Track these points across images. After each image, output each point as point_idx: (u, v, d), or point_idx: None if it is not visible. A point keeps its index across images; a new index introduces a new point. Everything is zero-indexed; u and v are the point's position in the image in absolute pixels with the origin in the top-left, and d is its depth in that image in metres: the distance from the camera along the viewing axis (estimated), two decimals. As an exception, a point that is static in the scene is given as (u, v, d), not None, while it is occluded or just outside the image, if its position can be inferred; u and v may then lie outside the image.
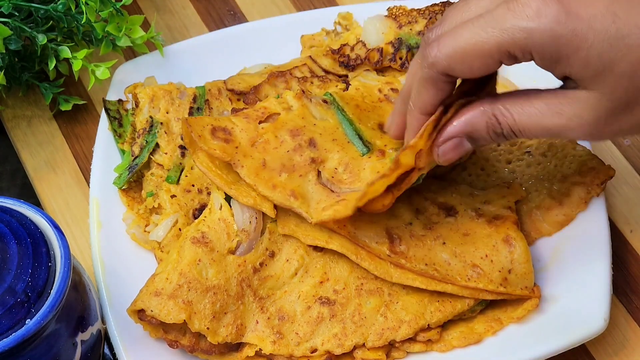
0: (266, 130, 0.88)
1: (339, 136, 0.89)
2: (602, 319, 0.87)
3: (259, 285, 0.87)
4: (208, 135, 0.86)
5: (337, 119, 0.90)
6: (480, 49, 0.72)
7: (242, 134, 0.87)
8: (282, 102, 0.90)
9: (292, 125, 0.88)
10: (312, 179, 0.86)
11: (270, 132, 0.88)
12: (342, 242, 0.86)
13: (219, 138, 0.86)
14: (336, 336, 0.86)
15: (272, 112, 0.89)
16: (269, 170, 0.86)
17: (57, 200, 1.01)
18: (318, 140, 0.88)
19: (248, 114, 0.89)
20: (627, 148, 1.05)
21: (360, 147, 0.88)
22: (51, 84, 1.05)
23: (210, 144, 0.86)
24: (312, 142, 0.87)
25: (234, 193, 0.87)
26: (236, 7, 1.16)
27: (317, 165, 0.86)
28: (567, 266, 0.91)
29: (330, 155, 0.87)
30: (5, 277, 0.75)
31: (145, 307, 0.84)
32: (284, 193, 0.85)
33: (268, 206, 0.86)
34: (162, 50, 1.05)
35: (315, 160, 0.86)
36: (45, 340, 0.77)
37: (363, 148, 0.88)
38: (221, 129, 0.87)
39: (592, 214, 0.93)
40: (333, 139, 0.88)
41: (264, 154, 0.86)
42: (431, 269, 0.86)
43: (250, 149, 0.87)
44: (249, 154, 0.86)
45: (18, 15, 0.99)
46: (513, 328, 0.88)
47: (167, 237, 0.91)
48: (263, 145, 0.87)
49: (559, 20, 0.69)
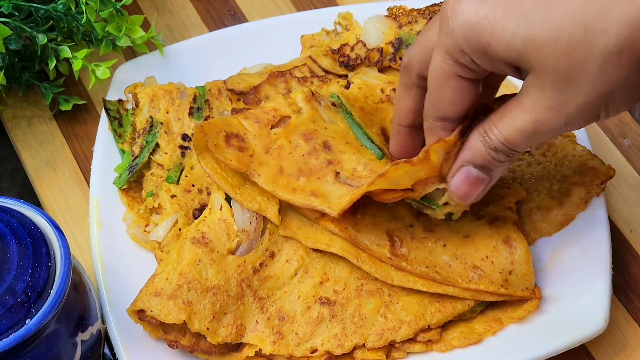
0: (279, 136, 0.87)
1: (351, 140, 0.88)
2: (602, 319, 0.87)
3: (258, 285, 0.87)
4: (223, 143, 0.85)
5: (346, 123, 0.90)
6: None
7: (256, 141, 0.86)
8: (291, 104, 0.90)
9: (304, 129, 0.88)
10: (330, 180, 0.85)
11: (284, 137, 0.87)
12: (343, 245, 0.86)
13: (233, 146, 0.85)
14: (336, 336, 0.86)
15: (283, 115, 0.89)
16: (287, 176, 0.85)
17: (57, 200, 1.01)
18: (332, 143, 0.87)
19: (259, 118, 0.88)
20: (627, 148, 1.05)
21: (376, 151, 0.87)
22: (51, 84, 1.05)
23: (226, 153, 0.85)
24: (327, 144, 0.87)
25: (239, 198, 0.86)
26: (236, 7, 1.16)
27: (334, 166, 0.85)
28: (567, 266, 0.91)
29: (346, 157, 0.86)
30: (5, 277, 0.75)
31: (145, 307, 0.84)
32: (304, 194, 0.84)
33: (272, 212, 0.86)
34: (162, 50, 1.05)
35: (331, 162, 0.86)
36: (45, 340, 0.77)
37: (378, 151, 0.87)
38: (234, 136, 0.86)
39: (592, 214, 0.93)
40: (346, 142, 0.88)
41: (279, 160, 0.86)
42: (432, 271, 0.86)
43: (265, 156, 0.86)
44: (264, 161, 0.85)
45: (18, 15, 0.99)
46: (513, 328, 0.88)
47: (167, 237, 0.91)
48: (277, 152, 0.86)
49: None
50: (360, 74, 0.96)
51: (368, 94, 0.93)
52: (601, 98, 0.70)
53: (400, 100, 0.83)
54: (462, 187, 0.79)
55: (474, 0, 0.71)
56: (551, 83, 0.70)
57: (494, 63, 0.72)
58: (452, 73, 0.74)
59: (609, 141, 1.05)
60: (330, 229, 0.86)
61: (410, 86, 0.81)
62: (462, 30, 0.71)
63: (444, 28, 0.72)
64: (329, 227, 0.86)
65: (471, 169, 0.78)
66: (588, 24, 0.67)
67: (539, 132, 0.72)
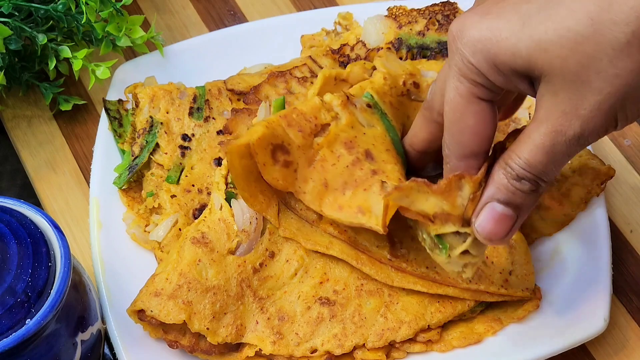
0: (321, 146, 0.84)
1: (389, 145, 0.87)
2: (602, 319, 0.87)
3: (258, 285, 0.87)
4: (270, 160, 0.82)
5: (383, 125, 0.88)
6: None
7: (300, 153, 0.84)
8: (329, 110, 0.86)
9: (344, 137, 0.85)
10: (376, 190, 0.82)
11: (326, 147, 0.84)
12: (343, 247, 0.86)
13: (279, 162, 0.83)
14: (336, 336, 0.86)
15: (323, 122, 0.85)
16: (332, 191, 0.83)
17: (57, 200, 1.01)
18: (373, 152, 0.85)
19: (302, 127, 0.84)
20: (627, 148, 1.05)
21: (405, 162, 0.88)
22: (51, 84, 1.05)
23: (273, 172, 0.82)
24: (369, 154, 0.84)
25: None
26: (236, 7, 1.16)
27: (379, 176, 0.83)
28: (567, 266, 0.91)
29: (389, 167, 0.84)
30: (5, 277, 0.74)
31: (145, 307, 0.84)
32: (351, 211, 0.82)
33: (272, 214, 0.86)
34: (162, 50, 1.05)
35: (376, 172, 0.83)
36: (45, 340, 0.77)
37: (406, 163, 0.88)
38: (279, 147, 0.83)
39: (592, 214, 0.93)
40: (386, 149, 0.86)
41: (323, 173, 0.83)
42: (432, 272, 0.86)
43: (308, 170, 0.84)
44: (308, 176, 0.83)
45: (18, 15, 0.99)
46: (513, 328, 0.88)
47: (167, 237, 0.91)
48: (321, 164, 0.84)
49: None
50: (383, 58, 0.92)
51: (392, 85, 0.90)
52: (615, 96, 0.66)
53: (418, 129, 0.83)
54: (487, 225, 0.73)
55: (477, 16, 0.70)
56: (562, 85, 0.67)
57: (506, 77, 0.70)
58: (469, 96, 0.72)
59: (609, 141, 1.05)
60: (329, 232, 0.86)
61: (430, 120, 0.81)
62: (470, 47, 0.70)
63: (453, 50, 0.71)
64: (329, 229, 0.86)
65: (496, 205, 0.72)
66: (594, 17, 0.65)
67: (558, 143, 0.68)
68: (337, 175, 0.83)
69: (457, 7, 1.03)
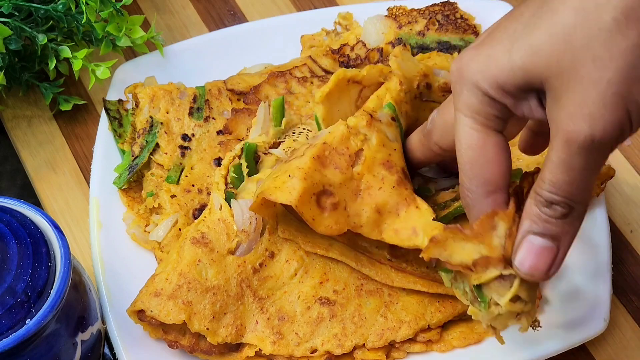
0: (362, 174, 0.82)
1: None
2: (602, 319, 0.88)
3: (258, 285, 0.87)
4: (317, 210, 0.80)
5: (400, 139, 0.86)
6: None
7: (343, 189, 0.81)
8: (356, 134, 0.83)
9: (381, 158, 0.83)
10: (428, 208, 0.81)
11: (367, 173, 0.82)
12: (342, 249, 0.86)
13: (326, 208, 0.80)
14: (336, 336, 0.86)
15: (355, 150, 0.83)
16: (387, 215, 0.81)
17: (57, 200, 1.01)
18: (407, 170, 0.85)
19: (337, 163, 0.82)
20: (627, 148, 1.05)
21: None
22: (51, 84, 1.05)
23: (324, 221, 0.80)
24: (404, 172, 0.84)
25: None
26: (236, 7, 1.16)
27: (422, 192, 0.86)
28: (566, 266, 0.91)
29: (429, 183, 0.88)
30: (5, 277, 0.74)
31: (145, 307, 0.84)
32: (406, 234, 0.80)
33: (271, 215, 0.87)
34: (162, 50, 1.05)
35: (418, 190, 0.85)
36: (45, 340, 0.77)
37: None
38: (323, 193, 0.81)
39: (592, 214, 0.93)
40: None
41: (373, 201, 0.82)
42: (433, 272, 0.86)
43: (358, 204, 0.81)
44: (359, 209, 0.81)
45: (18, 15, 0.99)
46: (513, 328, 0.88)
47: (167, 237, 0.91)
48: (367, 192, 0.82)
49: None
50: (399, 58, 0.89)
51: (407, 89, 0.88)
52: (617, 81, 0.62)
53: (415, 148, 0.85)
54: (527, 260, 0.69)
55: (473, 50, 0.70)
56: (562, 86, 0.64)
57: (514, 96, 0.68)
58: (485, 129, 0.70)
59: (609, 141, 1.05)
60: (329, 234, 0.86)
61: (427, 147, 0.83)
62: (473, 81, 0.69)
63: (457, 90, 0.71)
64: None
65: (532, 238, 0.69)
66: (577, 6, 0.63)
67: (573, 155, 0.65)
68: (387, 198, 0.82)
69: (457, 7, 1.04)
